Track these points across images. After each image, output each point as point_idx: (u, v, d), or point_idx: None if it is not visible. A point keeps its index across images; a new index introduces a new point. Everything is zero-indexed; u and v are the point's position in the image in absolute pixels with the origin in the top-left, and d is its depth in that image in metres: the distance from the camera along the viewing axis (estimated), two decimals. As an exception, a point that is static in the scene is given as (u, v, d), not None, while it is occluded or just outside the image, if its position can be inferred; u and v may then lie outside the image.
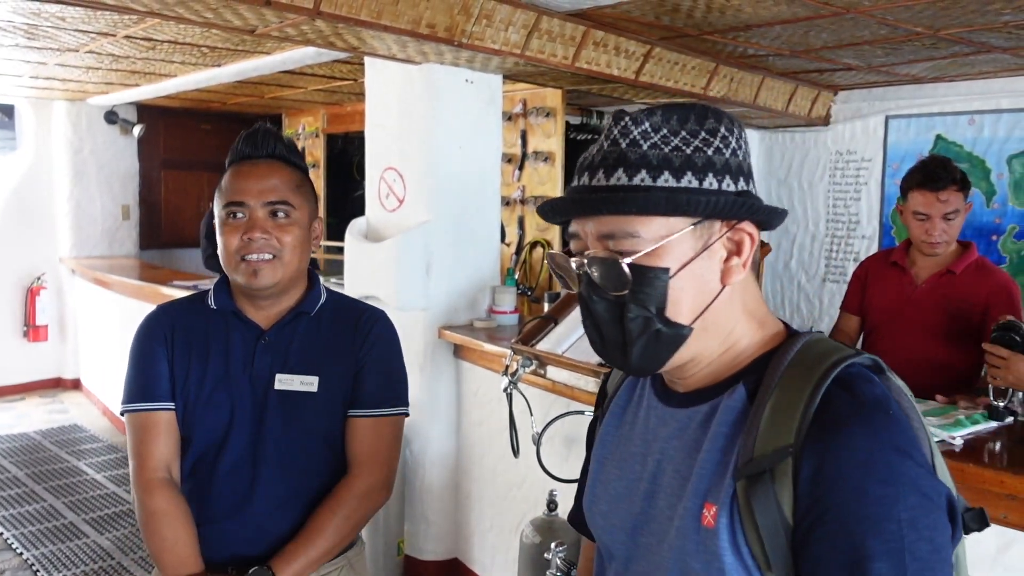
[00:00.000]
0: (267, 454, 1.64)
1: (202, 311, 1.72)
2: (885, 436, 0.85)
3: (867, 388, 0.88)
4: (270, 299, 1.69)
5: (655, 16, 3.38)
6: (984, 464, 1.92)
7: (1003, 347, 2.23)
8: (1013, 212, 4.77)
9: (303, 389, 1.66)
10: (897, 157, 5.22)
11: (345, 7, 2.75)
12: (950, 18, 3.25)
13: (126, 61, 4.72)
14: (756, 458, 0.87)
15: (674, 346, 0.95)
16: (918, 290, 2.85)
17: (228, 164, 1.69)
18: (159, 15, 2.83)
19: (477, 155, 3.75)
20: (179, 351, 1.67)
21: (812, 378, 0.88)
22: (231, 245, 1.61)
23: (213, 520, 1.65)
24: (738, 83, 4.50)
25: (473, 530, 3.65)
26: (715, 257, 0.94)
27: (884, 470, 0.83)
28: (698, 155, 0.92)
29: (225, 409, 1.65)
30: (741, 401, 0.93)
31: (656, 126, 0.93)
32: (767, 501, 0.86)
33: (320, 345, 1.71)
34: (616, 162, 0.92)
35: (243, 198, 1.61)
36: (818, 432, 0.85)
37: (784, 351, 0.94)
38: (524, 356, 3.02)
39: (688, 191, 0.91)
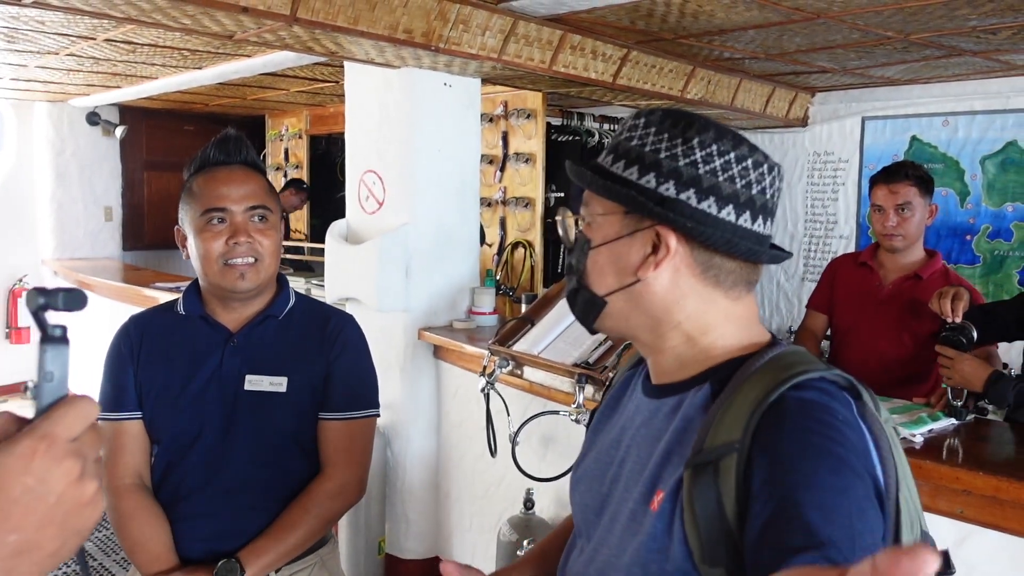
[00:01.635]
0: (238, 454, 1.68)
1: (171, 318, 1.76)
2: (819, 441, 0.85)
3: (819, 396, 0.90)
4: (243, 302, 1.72)
5: (630, 21, 3.43)
6: (941, 461, 1.98)
7: (950, 347, 2.30)
8: (986, 212, 4.85)
9: (272, 389, 1.69)
10: (873, 158, 5.29)
11: (322, 13, 2.78)
12: (919, 23, 3.31)
13: (107, 64, 4.73)
14: (704, 450, 0.90)
15: (592, 310, 1.05)
16: (884, 291, 2.92)
17: (197, 169, 1.71)
18: (137, 21, 2.85)
19: (456, 158, 3.79)
20: (147, 359, 1.71)
21: (772, 383, 0.91)
22: (214, 250, 1.63)
23: (188, 518, 1.69)
24: (715, 85, 4.55)
25: (453, 529, 3.69)
26: (638, 247, 1.00)
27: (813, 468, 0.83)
28: (652, 154, 0.97)
29: (194, 411, 1.68)
30: (705, 398, 0.97)
31: (649, 123, 1.00)
32: (708, 493, 0.88)
33: (289, 347, 1.74)
34: (610, 148, 1.04)
35: (225, 203, 1.63)
36: (762, 432, 0.87)
37: (757, 357, 0.97)
38: (501, 357, 3.06)
39: (620, 181, 0.99)
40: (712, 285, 1.00)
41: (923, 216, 2.84)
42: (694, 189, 0.96)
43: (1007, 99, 4.67)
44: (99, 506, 0.67)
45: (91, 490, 0.66)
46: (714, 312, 1.01)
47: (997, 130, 4.76)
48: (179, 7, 2.60)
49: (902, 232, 2.84)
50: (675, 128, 0.97)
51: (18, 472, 0.62)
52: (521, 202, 5.04)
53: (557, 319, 3.04)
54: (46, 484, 0.63)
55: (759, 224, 0.99)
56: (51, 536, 0.64)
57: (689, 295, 1.00)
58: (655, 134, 0.98)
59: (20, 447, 0.63)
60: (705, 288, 1.00)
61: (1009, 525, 1.89)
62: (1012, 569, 1.92)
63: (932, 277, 2.84)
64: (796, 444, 0.85)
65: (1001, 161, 4.76)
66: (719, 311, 1.01)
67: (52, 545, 0.64)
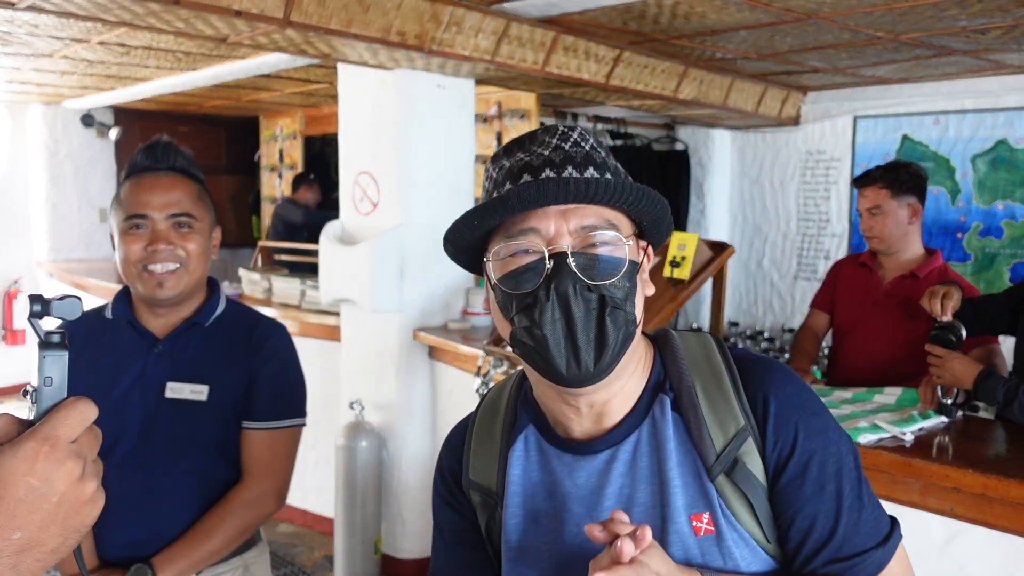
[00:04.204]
0: (157, 460, 1.68)
1: (101, 322, 1.76)
2: (794, 380, 0.99)
3: (750, 353, 1.02)
4: (170, 308, 1.71)
5: (623, 22, 3.45)
6: (931, 459, 2.00)
7: (940, 346, 2.32)
8: (977, 210, 4.88)
9: (193, 398, 1.68)
10: (865, 156, 5.32)
11: (315, 16, 2.79)
12: (908, 23, 3.33)
13: (101, 66, 4.73)
14: (720, 456, 0.94)
15: (629, 339, 0.94)
16: (882, 291, 2.94)
17: (126, 176, 1.71)
18: (130, 25, 2.86)
19: (450, 158, 3.80)
20: (79, 362, 1.71)
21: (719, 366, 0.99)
22: (132, 254, 1.63)
23: (107, 521, 1.71)
24: (708, 85, 4.57)
25: (449, 528, 3.70)
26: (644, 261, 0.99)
27: (809, 405, 0.98)
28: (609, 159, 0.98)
29: (115, 416, 1.67)
30: (670, 411, 0.97)
31: (582, 134, 0.96)
32: (750, 480, 0.94)
33: (213, 355, 1.73)
34: (585, 160, 0.92)
35: (145, 211, 1.63)
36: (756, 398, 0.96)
37: (672, 356, 1.01)
38: (496, 357, 3.08)
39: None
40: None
41: (900, 217, 2.85)
42: None
43: (997, 98, 4.69)
44: (98, 504, 0.70)
45: (91, 489, 0.69)
46: None
47: (988, 128, 4.79)
48: (172, 11, 2.61)
49: (876, 234, 2.89)
50: (582, 132, 0.98)
51: (22, 473, 0.65)
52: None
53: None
54: (49, 484, 0.66)
55: None
56: (54, 534, 0.67)
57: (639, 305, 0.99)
58: (586, 142, 0.96)
59: (24, 449, 0.66)
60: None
61: (998, 522, 1.91)
62: (1001, 565, 1.94)
63: (929, 276, 2.86)
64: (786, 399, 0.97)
65: (992, 159, 4.79)
66: None
67: (54, 542, 0.67)
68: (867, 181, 2.90)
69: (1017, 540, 1.89)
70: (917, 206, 2.87)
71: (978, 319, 2.60)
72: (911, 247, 2.93)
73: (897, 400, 2.54)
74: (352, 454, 3.63)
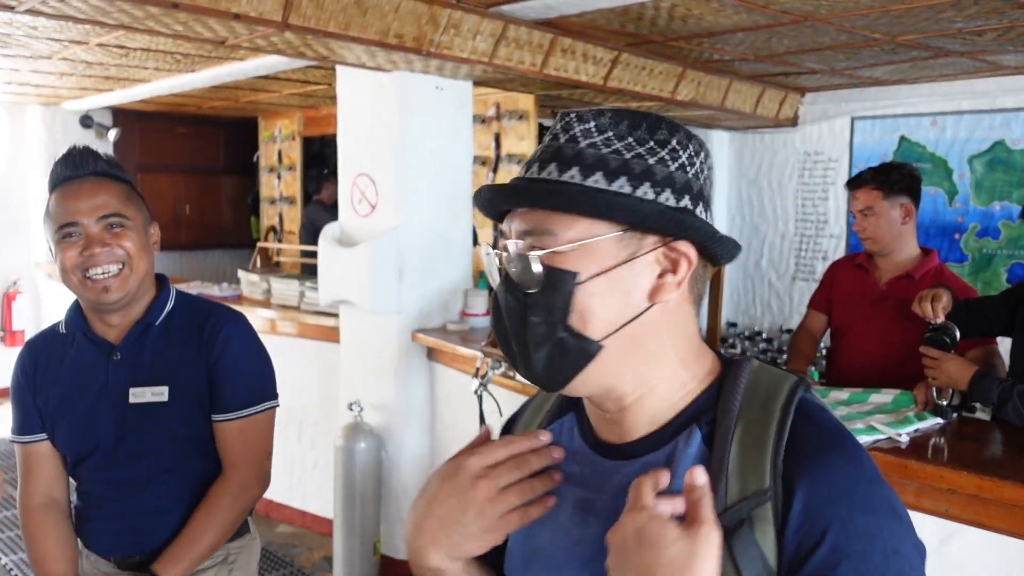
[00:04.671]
0: (134, 464, 1.72)
1: (57, 338, 1.78)
2: (858, 464, 0.82)
3: (826, 417, 0.85)
4: (119, 312, 1.71)
5: (620, 24, 3.46)
6: (926, 460, 2.01)
7: (934, 348, 2.33)
8: (975, 211, 4.89)
9: (155, 400, 1.70)
10: (863, 157, 5.33)
11: (313, 19, 2.80)
12: (905, 25, 3.35)
13: (100, 67, 4.74)
14: (731, 507, 0.80)
15: (579, 361, 0.86)
16: (878, 292, 2.95)
17: (51, 189, 1.70)
18: (129, 28, 2.87)
19: (448, 160, 3.81)
20: (42, 382, 1.76)
21: (774, 413, 0.83)
22: (68, 261, 1.62)
23: (100, 526, 1.78)
24: (706, 86, 4.58)
25: (447, 529, 3.70)
26: (644, 272, 0.86)
27: (864, 500, 0.80)
28: (638, 162, 0.85)
29: (87, 428, 1.72)
30: (698, 447, 0.86)
31: (602, 127, 0.86)
32: (750, 550, 0.79)
33: (169, 354, 1.73)
34: (551, 156, 0.86)
35: (76, 218, 1.62)
36: (794, 468, 0.80)
37: (731, 386, 0.87)
38: (494, 359, 3.09)
39: (614, 195, 0.84)
40: (693, 301, 0.90)
41: (892, 218, 2.86)
42: (689, 196, 0.86)
43: (994, 99, 4.71)
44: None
45: None
46: (690, 334, 0.91)
47: (985, 129, 4.80)
48: (171, 14, 2.62)
49: (869, 236, 2.90)
50: (643, 131, 0.86)
51: None
52: (513, 203, 5.06)
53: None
54: None
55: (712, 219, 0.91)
56: None
57: (677, 317, 0.89)
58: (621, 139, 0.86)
59: None
60: (689, 305, 0.90)
61: (993, 523, 1.92)
62: (996, 566, 1.95)
63: (924, 277, 2.85)
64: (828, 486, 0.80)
65: (989, 160, 4.80)
66: (693, 332, 0.91)
67: None
68: (859, 183, 2.92)
69: (1012, 541, 1.91)
70: (910, 207, 2.87)
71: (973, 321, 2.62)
72: (906, 247, 2.92)
73: (893, 400, 2.55)
74: (351, 455, 3.64)
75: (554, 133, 0.88)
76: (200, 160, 7.81)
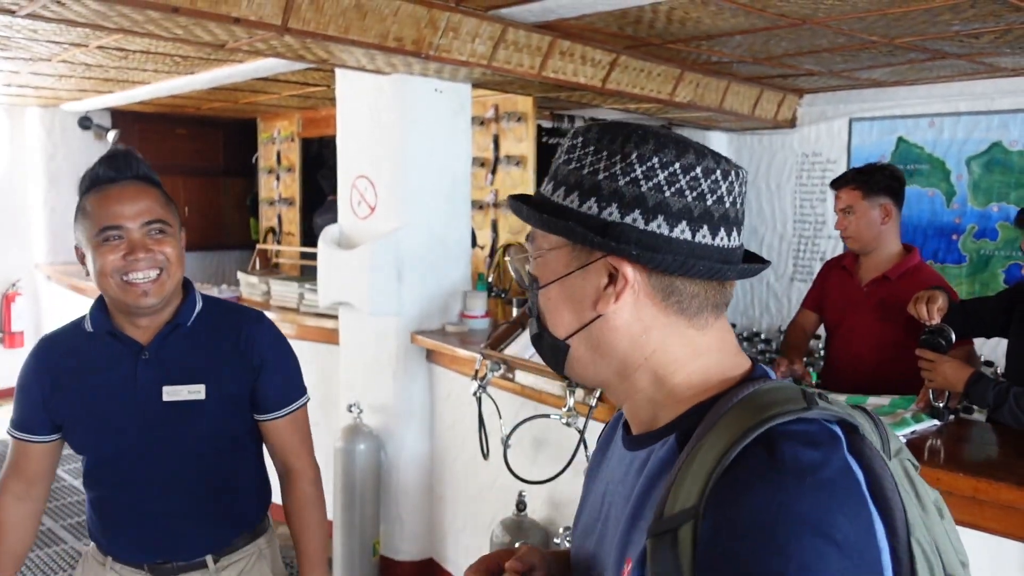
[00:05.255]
0: (163, 464, 1.72)
1: (81, 336, 1.76)
2: (789, 503, 0.73)
3: (795, 450, 0.76)
4: (151, 315, 1.72)
5: (619, 27, 3.47)
6: (922, 462, 2.02)
7: (930, 350, 2.34)
8: (972, 212, 4.90)
9: (191, 398, 1.71)
10: (861, 159, 5.33)
11: (313, 23, 2.81)
12: (902, 28, 3.36)
13: (99, 69, 4.75)
14: (664, 517, 0.79)
15: (558, 356, 0.94)
16: (860, 293, 3.00)
17: (88, 188, 1.70)
18: (129, 31, 2.88)
19: (447, 162, 3.82)
20: (60, 381, 1.74)
21: (738, 431, 0.79)
22: (110, 264, 1.62)
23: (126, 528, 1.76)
24: (704, 88, 4.60)
25: (447, 530, 3.72)
26: (592, 281, 0.89)
27: (782, 541, 0.72)
28: (589, 176, 0.87)
29: (113, 428, 1.71)
30: (670, 451, 0.87)
31: (585, 142, 0.89)
32: (666, 566, 0.78)
33: (202, 354, 1.75)
34: (564, 177, 0.91)
35: (119, 221, 1.62)
36: (718, 495, 0.76)
37: (727, 399, 0.85)
38: (493, 361, 3.10)
39: (560, 211, 0.89)
40: (675, 313, 0.90)
41: (872, 217, 2.91)
42: (639, 210, 0.85)
43: (992, 100, 4.72)
44: None
45: None
46: (680, 345, 0.90)
47: (982, 131, 4.81)
48: (171, 18, 2.63)
49: (850, 235, 2.96)
50: (612, 144, 0.87)
51: None
52: (513, 205, 5.07)
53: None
54: None
55: (721, 237, 0.88)
56: None
57: (653, 327, 0.90)
58: (593, 153, 0.88)
59: None
60: (668, 318, 0.90)
61: (988, 525, 1.94)
62: (992, 568, 1.96)
63: (901, 278, 2.90)
64: (739, 521, 0.74)
65: (986, 161, 4.82)
66: (686, 344, 0.90)
67: None
68: (841, 183, 2.99)
69: (1007, 542, 1.92)
70: (890, 207, 2.91)
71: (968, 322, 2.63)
72: (886, 247, 2.96)
73: (891, 403, 2.56)
74: (350, 456, 3.65)
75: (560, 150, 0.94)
76: (199, 161, 7.81)
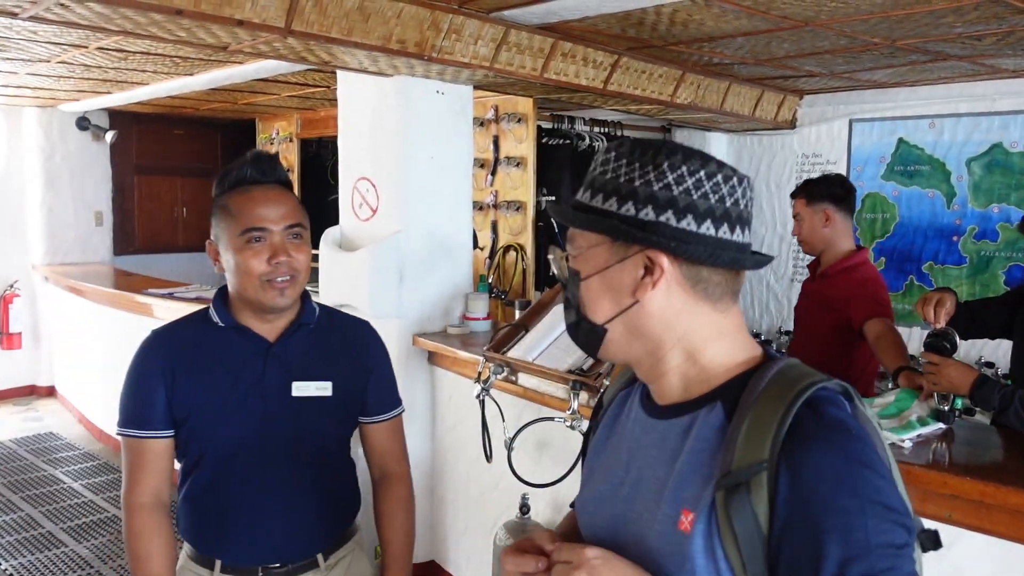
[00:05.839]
0: (287, 458, 1.76)
1: (207, 329, 1.78)
2: (848, 452, 0.94)
3: (831, 410, 0.97)
4: (279, 314, 1.77)
5: (621, 29, 3.46)
6: (929, 466, 2.03)
7: (935, 353, 2.34)
8: (973, 213, 4.91)
9: (319, 394, 1.78)
10: (861, 159, 5.35)
11: (316, 25, 2.81)
12: (905, 30, 3.36)
13: (98, 71, 4.73)
14: (734, 471, 0.95)
15: (594, 339, 1.10)
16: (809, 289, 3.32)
17: (231, 187, 1.72)
18: (132, 34, 2.87)
19: (449, 164, 3.82)
20: (185, 374, 1.73)
21: (785, 400, 0.97)
22: (256, 268, 1.67)
23: (239, 531, 1.75)
24: (705, 89, 4.59)
25: (449, 533, 3.72)
26: (630, 272, 1.04)
27: (849, 483, 0.92)
28: (627, 184, 1.03)
29: (238, 421, 1.73)
30: (719, 418, 1.02)
31: (618, 155, 1.05)
32: (744, 511, 0.94)
33: (326, 352, 1.82)
34: (600, 185, 1.06)
35: (265, 224, 1.68)
36: (789, 449, 0.94)
37: (761, 374, 1.02)
38: (496, 363, 3.09)
39: (602, 213, 1.04)
40: (702, 299, 1.05)
41: (814, 223, 3.19)
42: (672, 210, 1.01)
43: (992, 102, 4.72)
44: None
45: None
46: (707, 327, 1.06)
47: (983, 132, 4.82)
48: (175, 20, 2.62)
49: (801, 239, 3.26)
50: (644, 156, 1.02)
51: None
52: (513, 206, 5.07)
53: (551, 326, 3.08)
54: None
55: (737, 234, 1.06)
56: None
57: (683, 311, 1.05)
58: (626, 165, 1.03)
59: None
60: (696, 303, 1.05)
61: (995, 529, 1.94)
62: (998, 571, 1.97)
63: (837, 275, 3.16)
64: (816, 468, 0.93)
65: (987, 163, 4.82)
66: (711, 325, 1.07)
67: None
68: (794, 193, 3.31)
69: (1015, 546, 1.92)
70: (831, 212, 3.17)
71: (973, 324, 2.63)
72: (834, 248, 3.21)
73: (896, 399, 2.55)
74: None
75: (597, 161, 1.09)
76: (197, 162, 7.79)
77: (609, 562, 0.98)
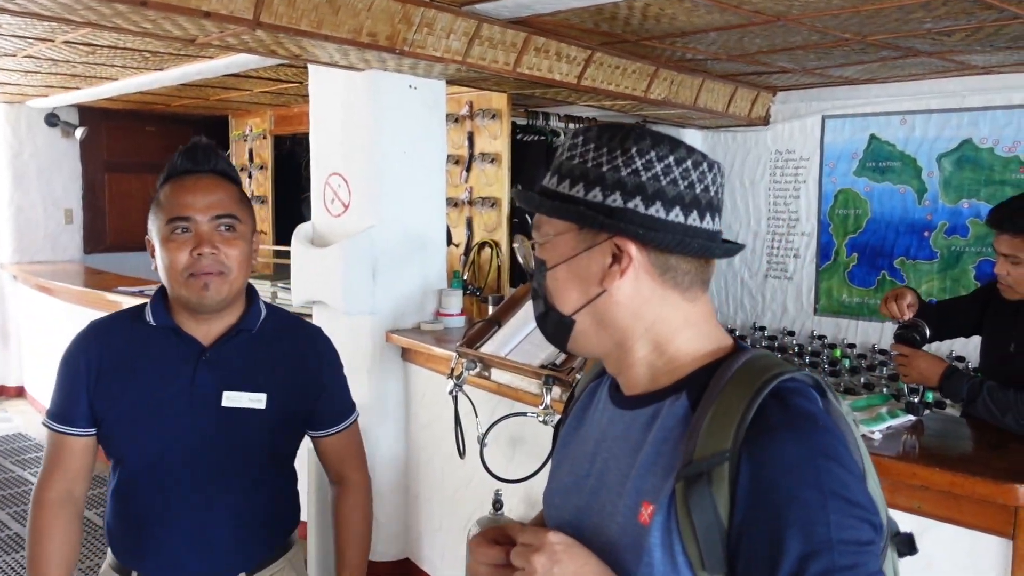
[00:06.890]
0: (211, 471, 1.63)
1: (139, 328, 1.68)
2: (813, 443, 0.90)
3: (799, 401, 0.94)
4: (213, 315, 1.65)
5: (594, 23, 3.46)
6: (898, 457, 2.03)
7: (905, 345, 2.35)
8: (943, 209, 4.95)
9: (251, 406, 1.65)
10: (833, 156, 5.38)
11: (285, 17, 2.77)
12: (875, 25, 3.38)
13: (66, 65, 4.66)
14: (695, 461, 0.92)
15: (562, 331, 1.07)
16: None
17: (166, 179, 1.65)
18: (96, 25, 2.82)
19: (421, 159, 3.79)
20: (109, 371, 1.64)
21: (751, 389, 0.94)
22: (178, 261, 1.57)
23: (164, 541, 1.64)
24: (678, 85, 4.60)
25: (423, 530, 3.70)
26: (598, 260, 1.01)
27: (813, 475, 0.88)
28: (595, 169, 0.99)
29: (164, 428, 1.62)
30: (684, 408, 0.99)
31: (586, 140, 1.01)
32: (704, 502, 0.91)
33: (266, 362, 1.70)
34: (568, 171, 1.03)
35: (189, 212, 1.57)
36: (752, 439, 0.91)
37: (728, 364, 0.99)
38: (469, 359, 3.07)
39: (568, 199, 1.01)
40: (671, 287, 1.02)
41: None
42: (640, 196, 0.98)
43: (962, 98, 4.77)
44: None
45: None
46: (675, 316, 1.03)
47: (953, 128, 4.86)
48: (139, 12, 2.57)
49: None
50: (612, 141, 0.99)
51: None
52: (487, 202, 5.05)
53: (524, 321, 3.06)
54: None
55: (707, 221, 1.01)
56: None
57: (651, 299, 1.02)
58: (594, 150, 1.00)
59: None
60: (665, 291, 1.02)
61: (964, 519, 1.95)
62: (968, 561, 1.97)
63: None
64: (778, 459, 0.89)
65: (957, 159, 4.87)
66: (680, 315, 1.04)
67: None
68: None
69: (983, 536, 1.93)
70: None
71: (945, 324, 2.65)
72: None
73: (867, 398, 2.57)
74: (325, 457, 3.61)
75: (564, 147, 1.05)
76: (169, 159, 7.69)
77: (570, 549, 0.95)
